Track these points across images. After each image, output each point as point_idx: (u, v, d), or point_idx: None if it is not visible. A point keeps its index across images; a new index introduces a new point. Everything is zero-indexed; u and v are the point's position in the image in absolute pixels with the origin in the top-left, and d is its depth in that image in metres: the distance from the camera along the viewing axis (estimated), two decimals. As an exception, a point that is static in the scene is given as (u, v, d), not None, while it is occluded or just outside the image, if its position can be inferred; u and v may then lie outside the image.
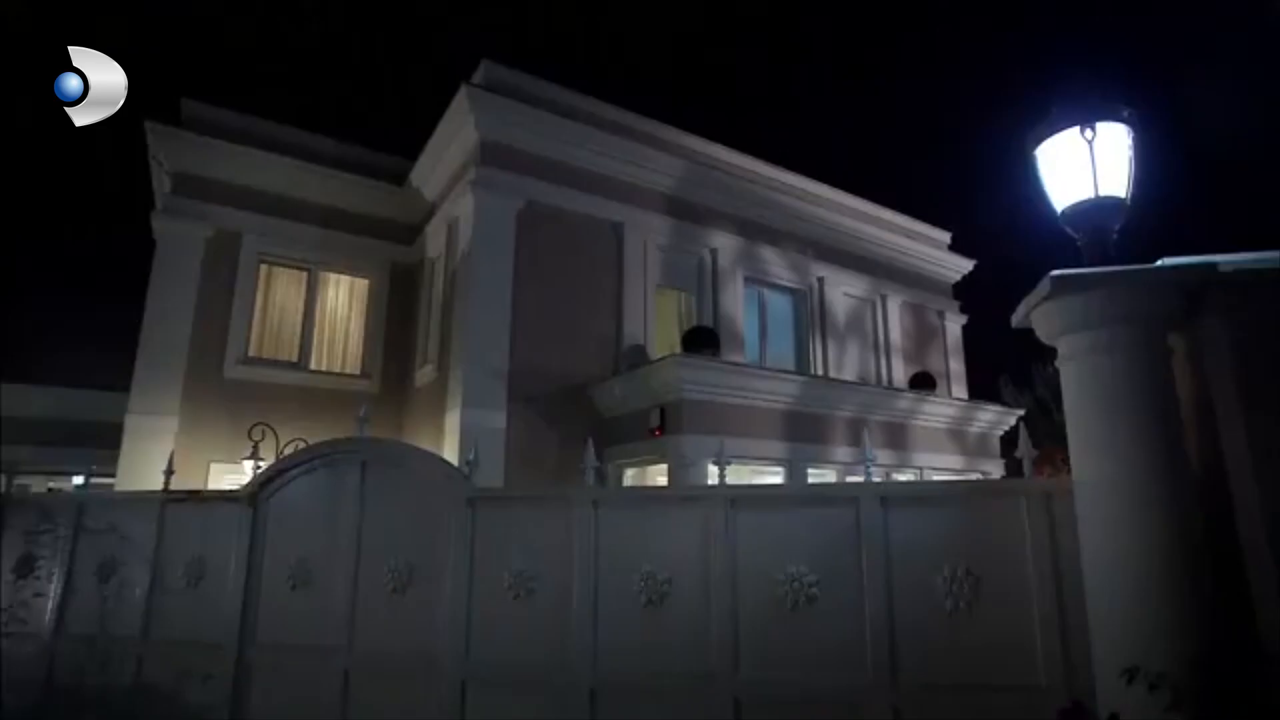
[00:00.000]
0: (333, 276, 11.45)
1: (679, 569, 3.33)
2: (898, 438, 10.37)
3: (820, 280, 12.38)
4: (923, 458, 10.61)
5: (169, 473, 4.72)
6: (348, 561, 3.99)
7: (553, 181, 9.78)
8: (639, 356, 9.94)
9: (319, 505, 4.23)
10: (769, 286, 12.04)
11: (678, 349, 10.71)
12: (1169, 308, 2.32)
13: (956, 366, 14.18)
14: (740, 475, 10.68)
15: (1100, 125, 2.27)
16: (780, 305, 12.30)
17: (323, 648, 3.86)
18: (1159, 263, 2.38)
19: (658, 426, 8.44)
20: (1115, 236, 2.38)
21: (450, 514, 3.93)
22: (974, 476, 11.45)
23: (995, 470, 11.69)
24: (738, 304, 11.30)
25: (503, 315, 9.08)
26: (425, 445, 9.73)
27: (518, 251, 9.35)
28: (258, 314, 10.68)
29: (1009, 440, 12.93)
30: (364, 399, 10.94)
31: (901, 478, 10.77)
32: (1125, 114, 2.31)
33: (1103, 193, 2.32)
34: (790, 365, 12.10)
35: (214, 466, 9.66)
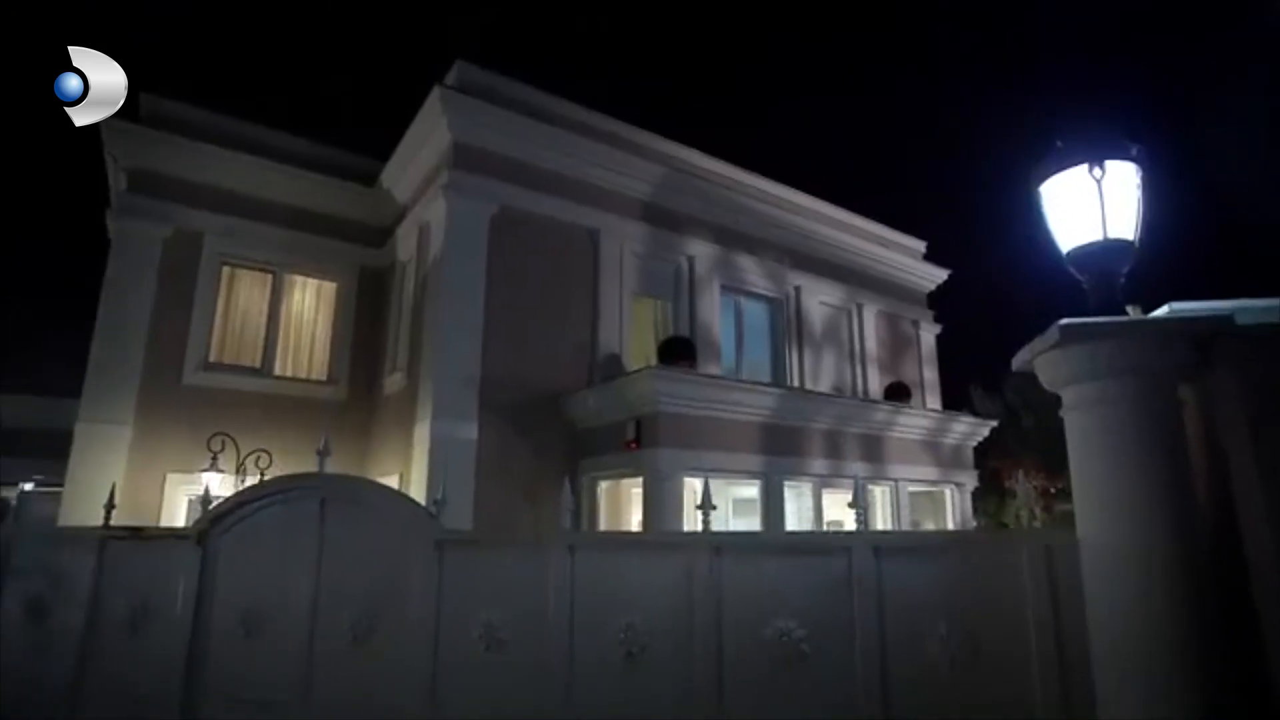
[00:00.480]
0: (299, 279, 11.06)
1: (660, 620, 3.14)
2: (873, 449, 10.31)
3: (797, 289, 12.30)
4: (898, 469, 10.58)
5: (110, 507, 4.40)
6: (305, 607, 3.70)
7: (527, 186, 9.53)
8: (614, 366, 9.75)
9: (275, 546, 3.94)
10: (746, 295, 11.92)
11: (653, 358, 10.59)
12: (1181, 359, 2.22)
13: (930, 376, 14.23)
14: (715, 489, 10.62)
15: (1109, 163, 2.15)
16: (757, 314, 12.19)
17: (277, 702, 3.58)
18: (1166, 308, 2.31)
19: (633, 439, 8.26)
20: (1123, 280, 2.26)
21: (416, 557, 3.69)
22: (948, 488, 11.51)
23: (969, 481, 11.72)
24: (714, 312, 11.16)
25: (474, 323, 8.82)
26: (394, 456, 9.55)
27: (491, 257, 9.09)
28: (219, 318, 10.26)
29: (981, 451, 13.00)
30: (331, 406, 10.67)
31: (877, 489, 10.77)
32: (1134, 151, 2.19)
33: (1111, 235, 2.19)
34: (766, 374, 12.02)
35: (171, 477, 9.27)
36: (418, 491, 8.35)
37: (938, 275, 14.64)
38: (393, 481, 9.40)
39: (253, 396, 10.03)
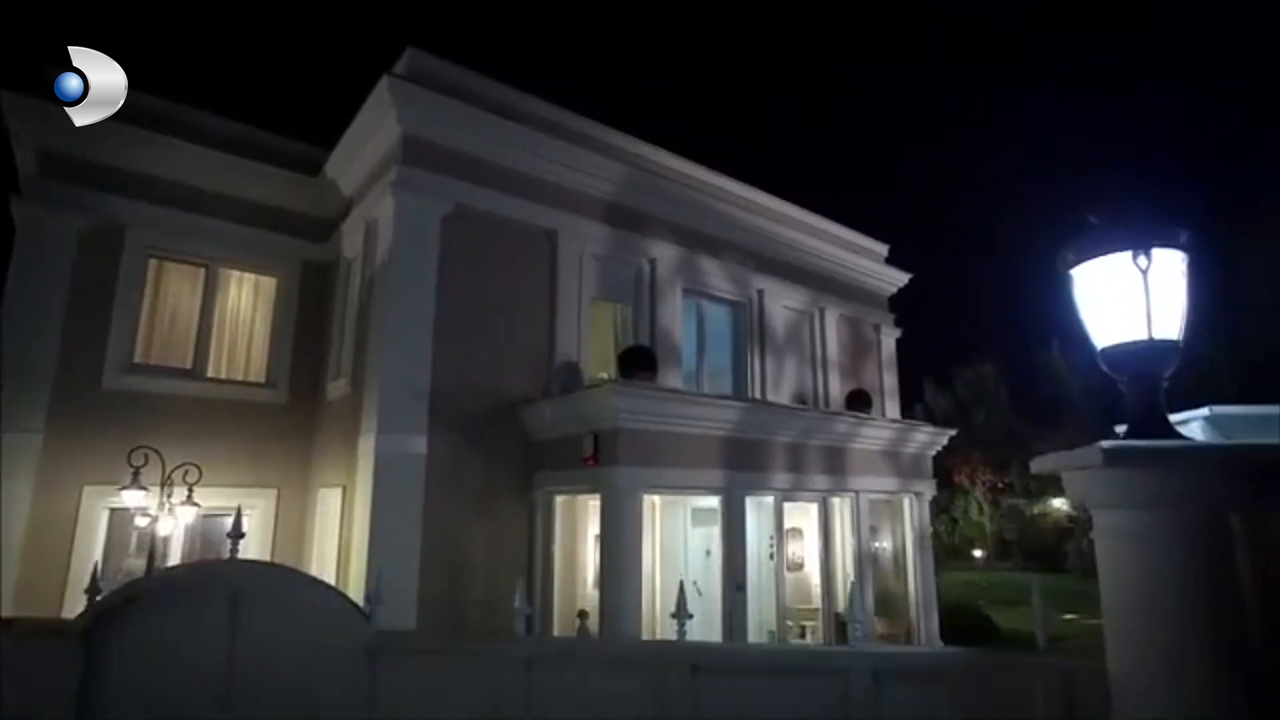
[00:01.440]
0: (234, 274, 10.33)
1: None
2: (835, 461, 10.19)
3: (760, 292, 12.06)
4: (858, 480, 10.50)
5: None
6: (211, 728, 3.18)
7: (483, 184, 9.02)
8: (572, 374, 9.36)
9: (176, 648, 3.39)
10: (708, 298, 11.63)
11: (613, 364, 10.25)
12: (1235, 488, 1.96)
13: (890, 381, 14.22)
14: (673, 500, 10.36)
15: (1157, 251, 1.87)
16: (719, 317, 11.92)
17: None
18: (1206, 411, 2.02)
19: (591, 455, 7.92)
20: (1166, 384, 1.99)
21: (346, 667, 3.24)
22: (907, 497, 11.49)
23: (928, 490, 11.72)
24: (676, 317, 10.84)
25: (424, 329, 8.31)
26: (338, 467, 9.00)
27: (443, 259, 8.58)
28: (145, 316, 9.51)
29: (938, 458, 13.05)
30: (270, 411, 10.03)
31: (838, 501, 10.67)
32: (1184, 238, 1.92)
33: (1157, 335, 1.92)
34: (728, 380, 11.80)
35: (88, 490, 8.56)
36: (362, 509, 7.88)
37: (899, 279, 14.60)
38: (335, 495, 8.88)
39: (183, 401, 9.34)
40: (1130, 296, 1.89)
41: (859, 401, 11.98)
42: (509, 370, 9.01)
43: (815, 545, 10.49)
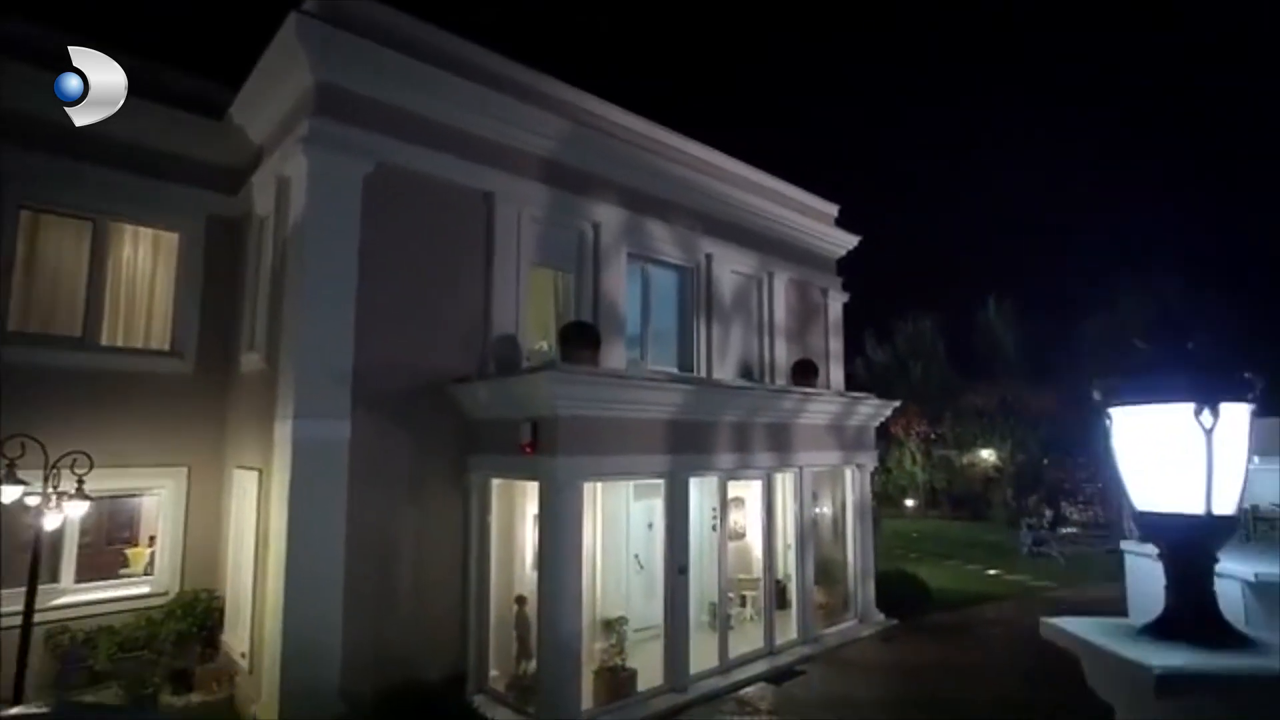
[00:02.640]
0: (128, 229, 9.26)
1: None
2: (781, 437, 10.04)
3: (708, 257, 11.59)
4: (803, 456, 10.40)
5: None
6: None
7: (410, 140, 8.16)
8: (509, 349, 8.80)
9: None
10: (655, 263, 11.10)
11: (553, 336, 9.73)
12: None
13: (836, 346, 14.10)
14: (617, 491, 10.02)
15: (1225, 407, 1.50)
16: (665, 283, 11.44)
17: None
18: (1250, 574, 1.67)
19: (529, 442, 7.48)
20: (1216, 562, 1.63)
21: None
22: (850, 469, 11.50)
23: (870, 462, 11.76)
24: (620, 284, 10.30)
25: (344, 302, 7.58)
26: (254, 449, 8.30)
27: (365, 224, 7.78)
28: (18, 276, 8.42)
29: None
30: (175, 383, 9.18)
31: (782, 476, 10.57)
32: (1259, 389, 1.54)
33: (1217, 510, 1.55)
34: (673, 349, 11.42)
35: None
36: (279, 497, 7.29)
37: (848, 241, 14.32)
38: (252, 479, 8.24)
39: (72, 375, 8.39)
40: (1187, 457, 1.53)
41: (805, 371, 11.80)
42: (441, 345, 8.39)
43: (758, 514, 10.43)
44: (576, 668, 7.34)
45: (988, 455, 26.08)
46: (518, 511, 8.86)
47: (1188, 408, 1.54)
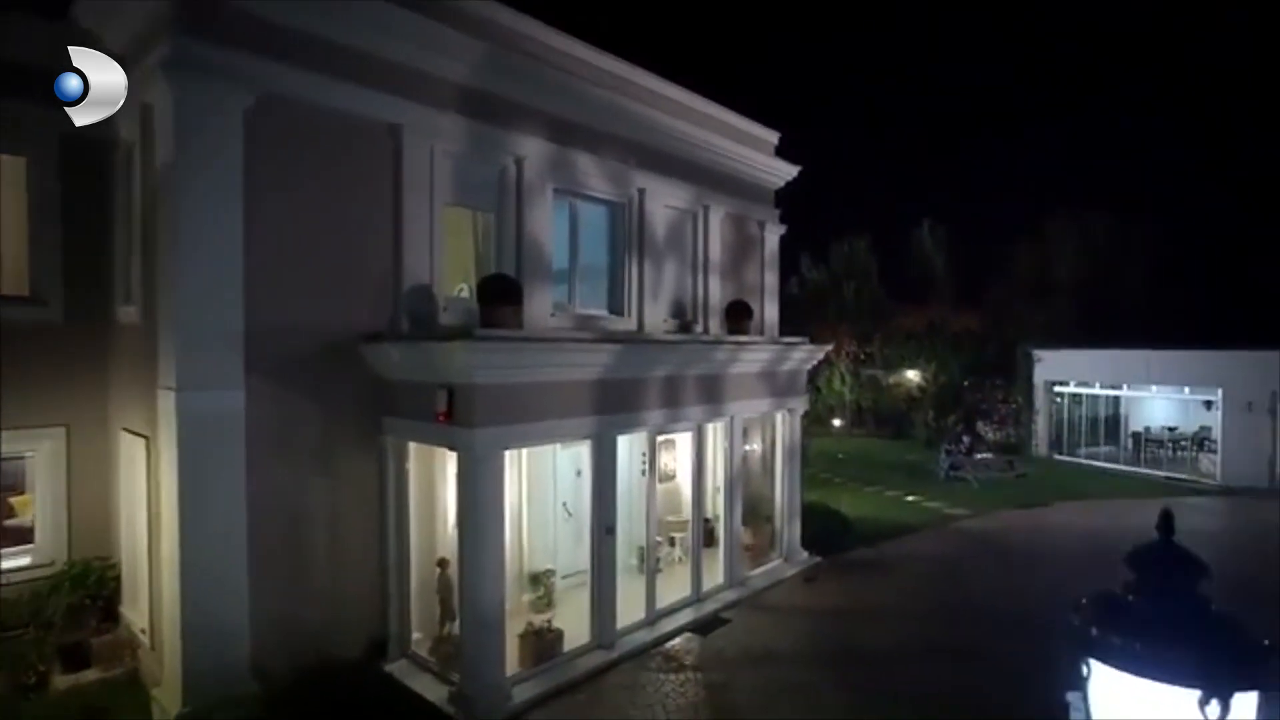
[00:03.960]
0: (-40, 153, 7.91)
1: None
2: (712, 388, 9.84)
3: (641, 191, 10.90)
4: (735, 405, 10.26)
5: None
6: None
7: (300, 65, 7.08)
8: (424, 301, 8.13)
9: None
10: (584, 199, 10.37)
11: (474, 281, 9.09)
12: None
13: (771, 280, 13.80)
14: (541, 457, 9.66)
15: (1238, 699, 1.17)
16: (595, 220, 10.75)
17: None
18: None
19: (444, 411, 6.99)
20: None
21: None
22: (781, 413, 11.47)
23: (800, 406, 11.75)
24: (546, 223, 9.58)
25: (229, 255, 6.72)
26: (139, 412, 7.51)
27: (250, 164, 6.81)
28: None
29: (804, 318, 13.02)
30: (41, 333, 8.16)
31: (713, 425, 10.44)
32: (1275, 667, 1.22)
33: None
34: (604, 290, 10.90)
35: None
36: (169, 472, 6.64)
37: (788, 172, 13.75)
38: (139, 447, 7.51)
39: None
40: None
41: (739, 314, 11.51)
42: (347, 299, 7.65)
43: (688, 457, 10.34)
44: (500, 638, 7.20)
45: (913, 376, 26.88)
46: (438, 470, 8.46)
47: (1191, 695, 1.23)
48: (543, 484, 9.99)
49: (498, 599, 7.15)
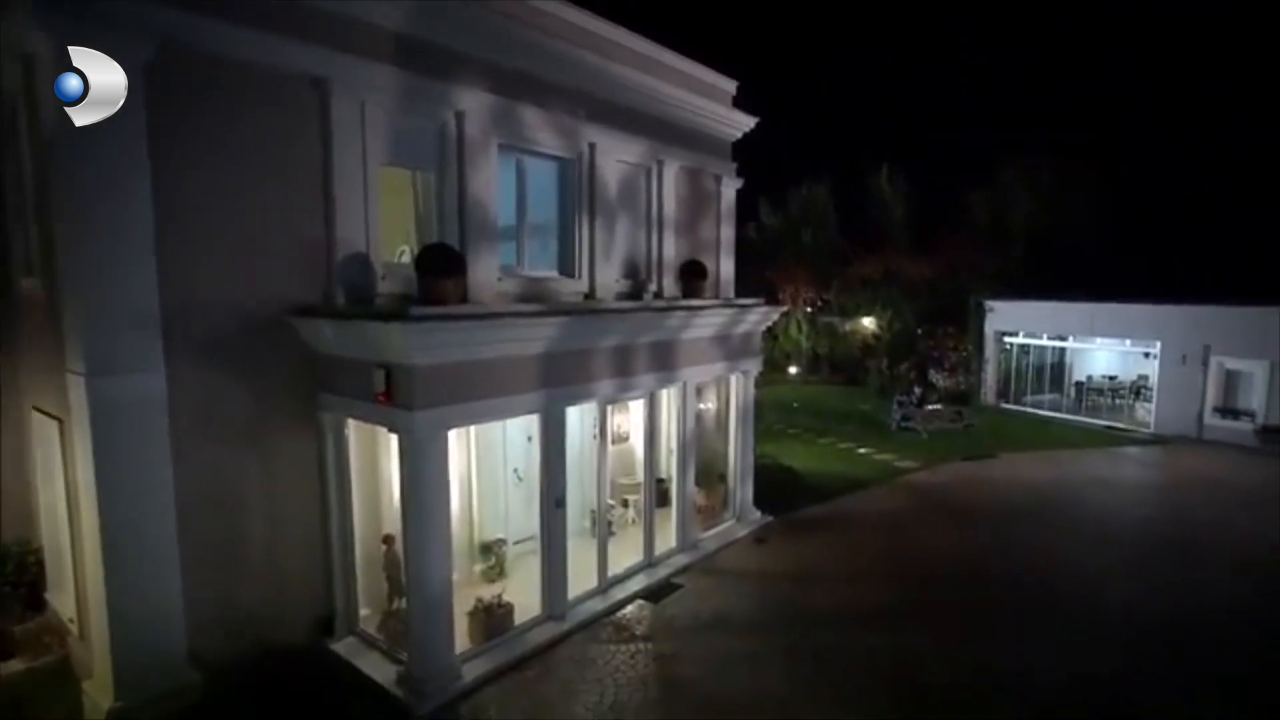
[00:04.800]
0: None
1: None
2: (665, 355, 9.68)
3: (592, 146, 10.38)
4: (688, 371, 10.12)
5: None
6: None
7: (208, 11, 6.36)
8: (360, 270, 7.67)
9: None
10: (530, 154, 9.83)
11: (415, 244, 8.65)
12: None
13: (728, 235, 13.50)
14: (489, 431, 9.38)
15: None
16: (543, 176, 10.24)
17: None
18: None
19: (383, 392, 6.67)
20: None
21: None
22: (735, 375, 11.39)
23: (755, 367, 11.67)
24: (491, 182, 9.07)
25: (137, 226, 6.16)
26: (50, 393, 6.95)
27: (156, 124, 6.17)
28: None
29: (761, 261, 12.88)
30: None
31: (666, 391, 10.31)
32: None
33: None
34: (553, 251, 10.50)
35: None
36: (85, 462, 6.22)
37: (745, 123, 13.29)
38: (52, 429, 7.04)
39: None
40: None
41: (694, 274, 11.26)
42: (277, 271, 7.17)
43: (641, 420, 10.23)
44: (448, 617, 7.10)
45: (868, 323, 27.12)
46: (381, 445, 8.17)
47: None
48: (493, 451, 9.80)
49: (444, 580, 7.02)
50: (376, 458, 8.19)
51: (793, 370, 28.46)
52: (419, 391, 6.50)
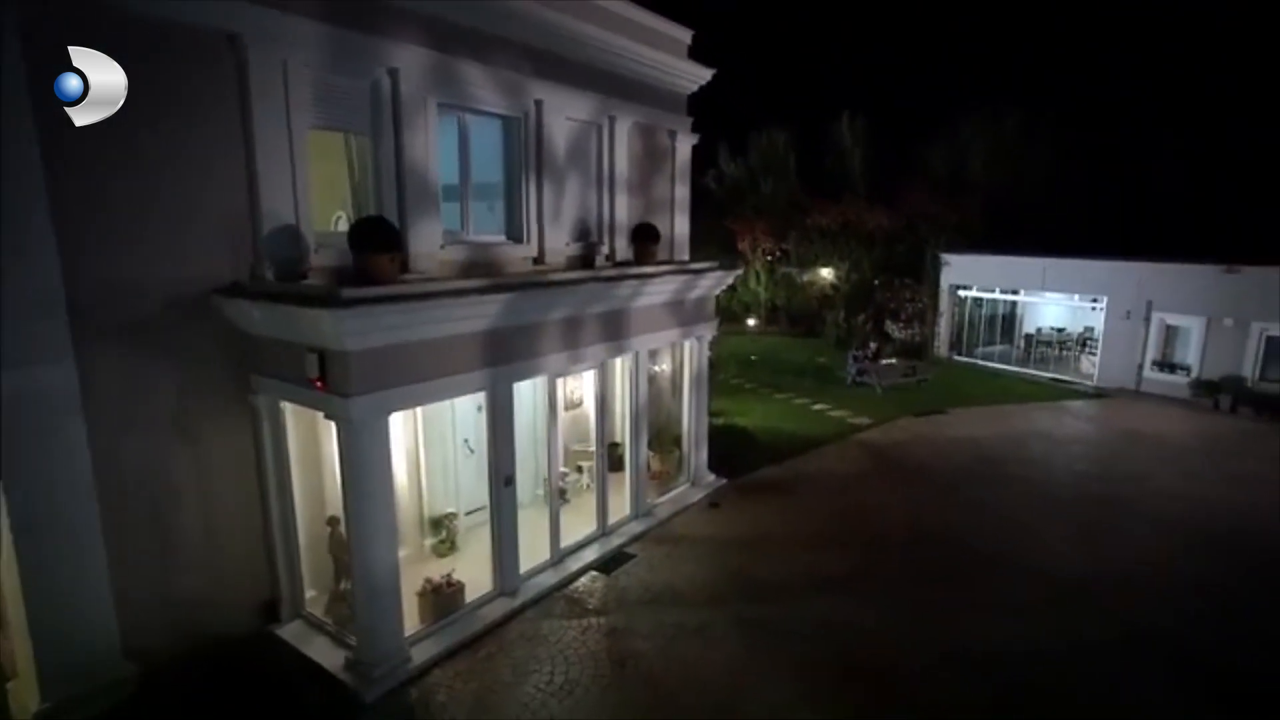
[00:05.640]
0: None
1: None
2: (617, 324, 9.47)
3: (538, 103, 9.88)
4: (640, 339, 9.95)
5: None
6: None
7: (95, -41, 5.73)
8: (289, 243, 7.24)
9: None
10: (473, 113, 9.32)
11: (351, 211, 8.20)
12: None
13: (682, 193, 13.16)
14: (436, 410, 9.09)
15: None
16: (488, 136, 9.75)
17: None
18: None
19: (317, 378, 6.37)
20: None
21: None
22: (689, 341, 11.26)
23: (709, 332, 11.55)
24: (430, 144, 8.58)
25: (29, 203, 5.64)
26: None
27: (45, 91, 5.57)
28: None
29: (720, 213, 12.68)
30: None
31: (618, 360, 10.16)
32: None
33: None
34: (500, 215, 10.09)
35: None
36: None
37: (701, 75, 12.80)
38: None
39: None
40: None
41: (646, 237, 10.97)
42: (198, 248, 6.71)
43: (594, 385, 10.09)
44: (396, 601, 7.00)
45: (826, 274, 27.14)
46: (321, 426, 7.87)
47: None
48: (441, 422, 9.59)
49: (391, 566, 6.88)
50: (318, 439, 7.91)
51: (751, 322, 28.50)
52: (354, 377, 6.22)
